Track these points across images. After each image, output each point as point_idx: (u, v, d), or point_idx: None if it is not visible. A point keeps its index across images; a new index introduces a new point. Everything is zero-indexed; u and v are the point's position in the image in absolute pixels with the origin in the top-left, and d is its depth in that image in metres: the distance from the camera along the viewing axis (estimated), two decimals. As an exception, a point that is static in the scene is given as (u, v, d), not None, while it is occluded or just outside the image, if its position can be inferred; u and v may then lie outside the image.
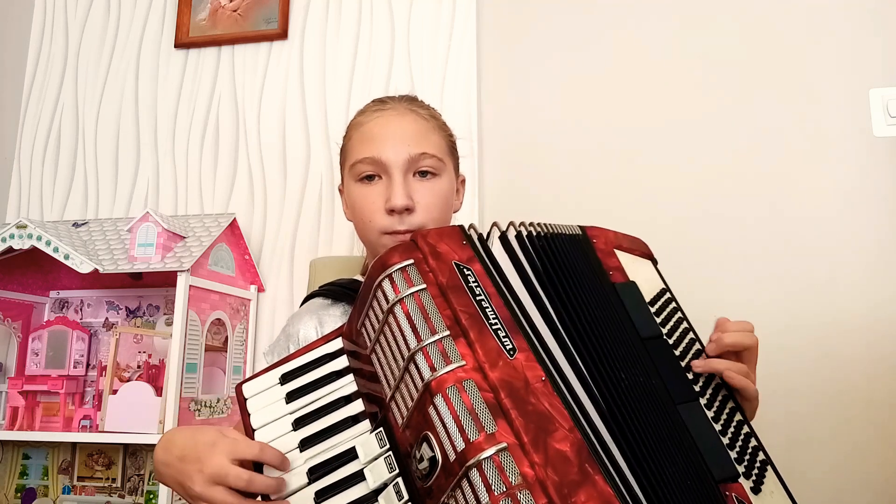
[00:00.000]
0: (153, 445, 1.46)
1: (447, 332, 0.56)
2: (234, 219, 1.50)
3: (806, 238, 1.38)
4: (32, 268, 1.59)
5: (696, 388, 0.68)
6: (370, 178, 0.86)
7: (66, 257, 1.35)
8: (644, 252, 0.80)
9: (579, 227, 0.75)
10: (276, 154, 1.65)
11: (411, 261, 0.61)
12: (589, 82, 1.54)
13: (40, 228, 1.37)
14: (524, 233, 0.68)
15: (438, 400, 0.53)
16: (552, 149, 1.53)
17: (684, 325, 0.74)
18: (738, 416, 0.69)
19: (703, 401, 0.67)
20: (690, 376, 0.69)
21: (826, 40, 1.44)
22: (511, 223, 0.70)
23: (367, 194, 0.86)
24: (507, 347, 0.56)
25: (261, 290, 1.59)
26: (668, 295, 0.76)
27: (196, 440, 0.63)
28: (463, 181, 0.99)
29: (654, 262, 0.80)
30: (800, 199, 1.40)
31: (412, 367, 0.56)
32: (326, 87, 1.66)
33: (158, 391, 1.35)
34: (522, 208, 1.51)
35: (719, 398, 0.69)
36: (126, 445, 1.52)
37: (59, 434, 1.40)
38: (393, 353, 0.59)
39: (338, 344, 0.69)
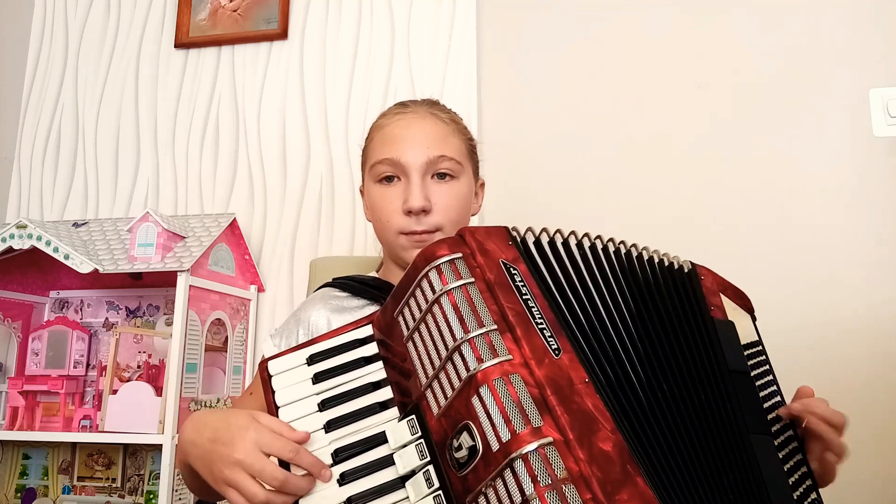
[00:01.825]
0: (153, 445, 1.47)
1: (494, 327, 0.57)
2: (234, 219, 1.50)
3: (806, 237, 1.38)
4: (32, 268, 1.59)
5: (773, 430, 0.70)
6: (389, 179, 0.88)
7: (66, 257, 1.35)
8: (746, 305, 0.82)
9: (690, 262, 0.78)
10: (276, 154, 1.65)
11: (459, 254, 0.61)
12: (589, 82, 1.54)
13: (40, 228, 1.37)
14: (619, 249, 0.71)
15: (484, 391, 0.53)
16: (552, 148, 1.53)
17: (770, 377, 0.76)
18: (804, 469, 0.70)
19: (775, 442, 0.69)
20: (769, 417, 0.71)
21: (826, 40, 1.44)
22: (610, 239, 0.71)
23: (386, 195, 0.87)
24: (553, 347, 0.57)
25: (261, 290, 1.59)
26: (760, 347, 0.79)
27: (229, 422, 0.62)
28: (482, 185, 1.00)
29: (754, 319, 0.82)
30: (799, 199, 1.40)
31: (456, 357, 0.56)
32: (326, 87, 1.66)
33: (158, 391, 1.35)
34: (522, 208, 1.51)
35: (792, 445, 0.71)
36: (126, 445, 1.52)
37: (59, 434, 1.40)
38: (434, 342, 0.59)
39: (368, 331, 0.69)
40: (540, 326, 0.58)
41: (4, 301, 1.55)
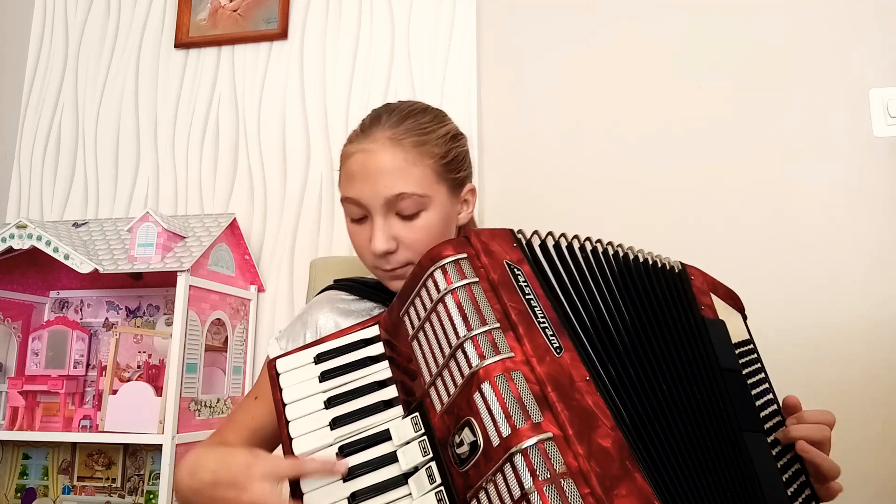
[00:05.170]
0: (153, 445, 1.48)
1: (497, 325, 0.58)
2: (234, 219, 1.50)
3: (806, 238, 1.38)
4: (32, 268, 1.59)
5: (765, 427, 0.71)
6: (358, 216, 0.85)
7: (66, 257, 1.35)
8: (737, 305, 0.83)
9: (680, 262, 0.79)
10: (276, 154, 1.65)
11: (464, 255, 0.63)
12: (589, 83, 1.54)
13: (40, 228, 1.37)
14: (602, 249, 0.71)
15: (486, 387, 0.54)
16: (552, 150, 1.53)
17: (762, 375, 0.77)
18: (797, 465, 0.70)
19: (768, 439, 0.70)
20: (762, 415, 0.71)
21: (826, 40, 1.44)
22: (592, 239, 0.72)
23: (358, 232, 0.86)
24: (554, 346, 0.58)
25: (261, 290, 1.59)
26: (751, 346, 0.79)
27: (228, 462, 0.61)
28: (472, 191, 0.93)
29: (745, 318, 0.83)
30: (800, 199, 1.40)
31: (459, 355, 0.57)
32: (326, 87, 1.66)
33: (158, 391, 1.35)
34: (522, 209, 1.51)
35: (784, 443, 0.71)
36: (126, 445, 1.52)
37: (59, 434, 1.40)
38: (438, 340, 0.60)
39: (374, 331, 0.70)
40: (542, 325, 0.59)
41: (4, 301, 1.55)
